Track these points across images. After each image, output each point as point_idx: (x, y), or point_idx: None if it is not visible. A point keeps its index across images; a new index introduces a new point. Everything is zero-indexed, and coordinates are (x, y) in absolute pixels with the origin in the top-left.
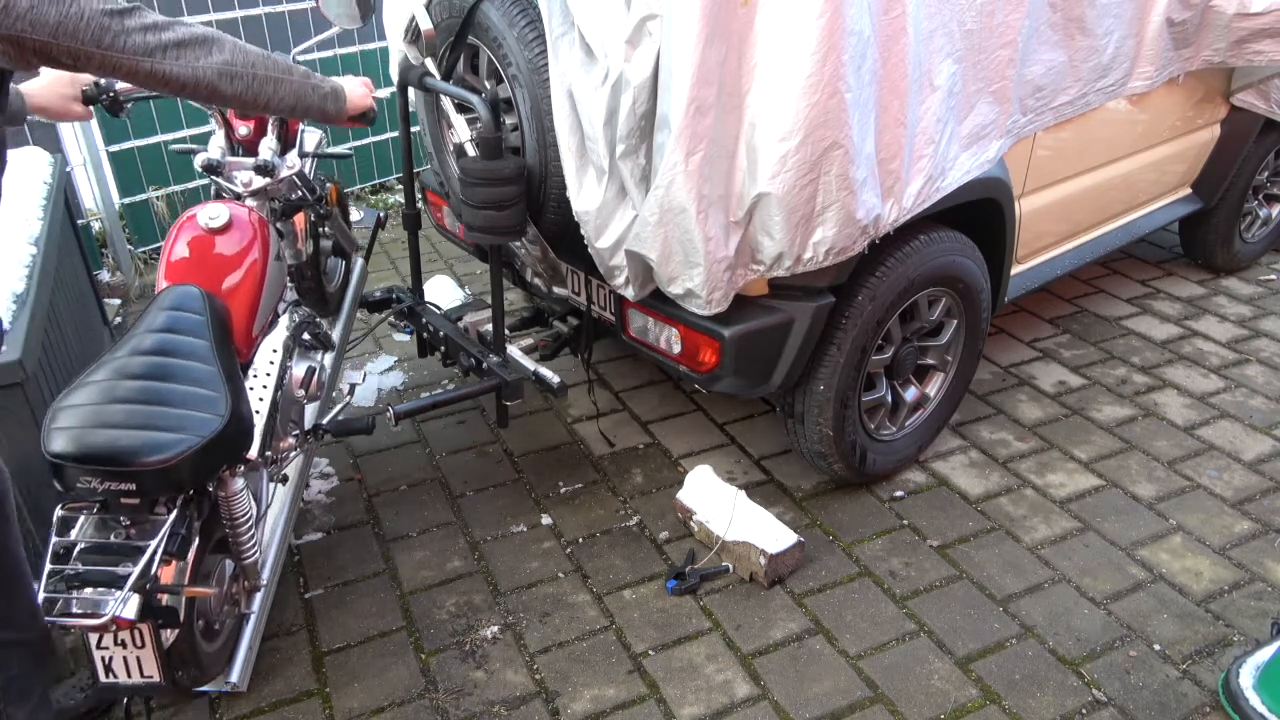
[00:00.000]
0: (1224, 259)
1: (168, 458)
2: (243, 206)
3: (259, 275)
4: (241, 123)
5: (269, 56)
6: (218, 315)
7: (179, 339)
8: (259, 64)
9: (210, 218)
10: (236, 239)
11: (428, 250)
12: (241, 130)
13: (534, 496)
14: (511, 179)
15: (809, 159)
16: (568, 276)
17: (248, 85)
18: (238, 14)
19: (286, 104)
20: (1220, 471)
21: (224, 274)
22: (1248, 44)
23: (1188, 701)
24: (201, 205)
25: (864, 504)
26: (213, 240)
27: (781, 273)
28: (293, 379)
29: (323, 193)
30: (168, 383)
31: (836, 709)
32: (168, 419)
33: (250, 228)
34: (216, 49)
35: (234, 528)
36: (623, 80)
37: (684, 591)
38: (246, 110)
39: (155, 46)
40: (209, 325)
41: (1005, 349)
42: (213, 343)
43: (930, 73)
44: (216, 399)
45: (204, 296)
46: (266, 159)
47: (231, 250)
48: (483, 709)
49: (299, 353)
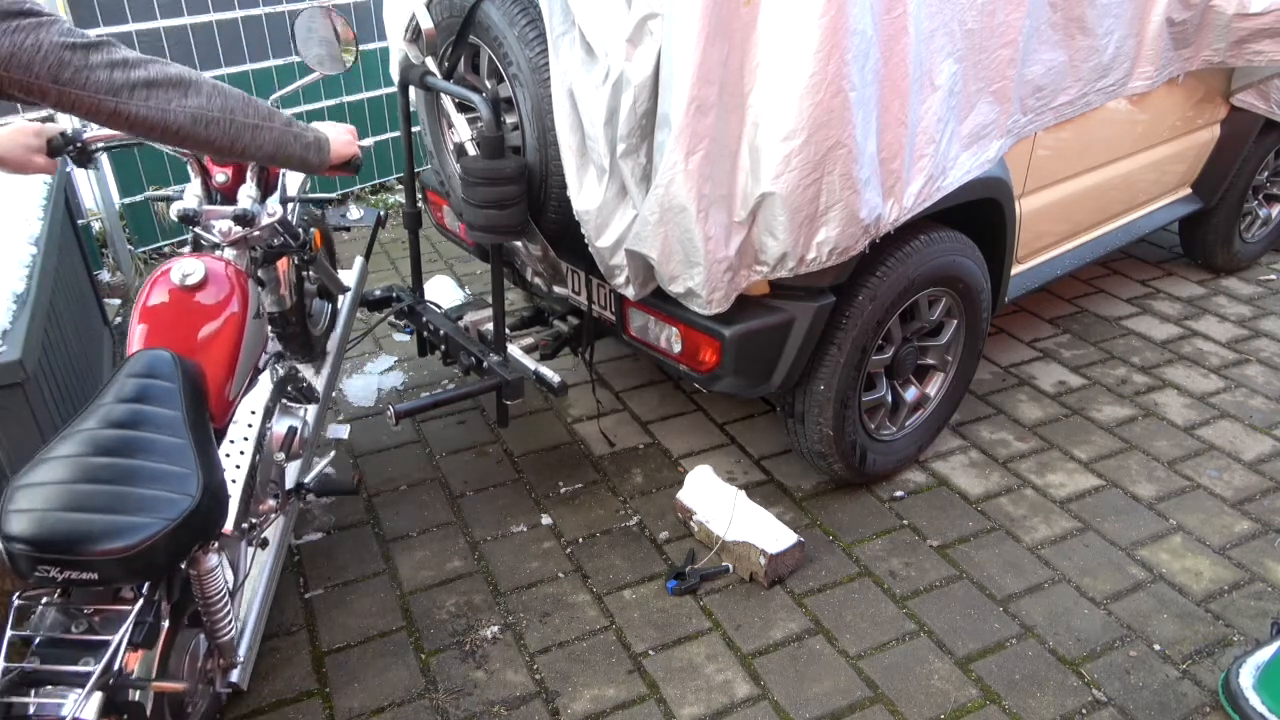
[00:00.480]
0: (1224, 259)
1: (132, 544)
2: (219, 260)
3: (237, 335)
4: (219, 169)
5: (250, 101)
6: (191, 381)
7: (148, 409)
8: (238, 109)
9: (184, 274)
10: (213, 296)
11: (428, 250)
12: (219, 177)
13: (534, 496)
14: (513, 178)
15: (813, 158)
16: (568, 276)
17: (224, 131)
18: (238, 14)
19: (266, 152)
20: (1220, 471)
21: (199, 335)
22: (1247, 44)
23: (1188, 701)
24: (175, 259)
25: (864, 504)
26: (187, 298)
27: (785, 274)
28: (273, 439)
29: (306, 238)
30: (135, 459)
31: (836, 709)
32: (133, 500)
33: (228, 284)
34: (193, 91)
35: (208, 606)
36: (623, 79)
37: (684, 591)
38: (223, 157)
39: (122, 85)
40: (181, 393)
41: (1005, 349)
42: (184, 412)
43: (931, 72)
44: (187, 476)
45: (176, 361)
46: (246, 207)
47: (207, 309)
48: (483, 709)
49: (281, 410)
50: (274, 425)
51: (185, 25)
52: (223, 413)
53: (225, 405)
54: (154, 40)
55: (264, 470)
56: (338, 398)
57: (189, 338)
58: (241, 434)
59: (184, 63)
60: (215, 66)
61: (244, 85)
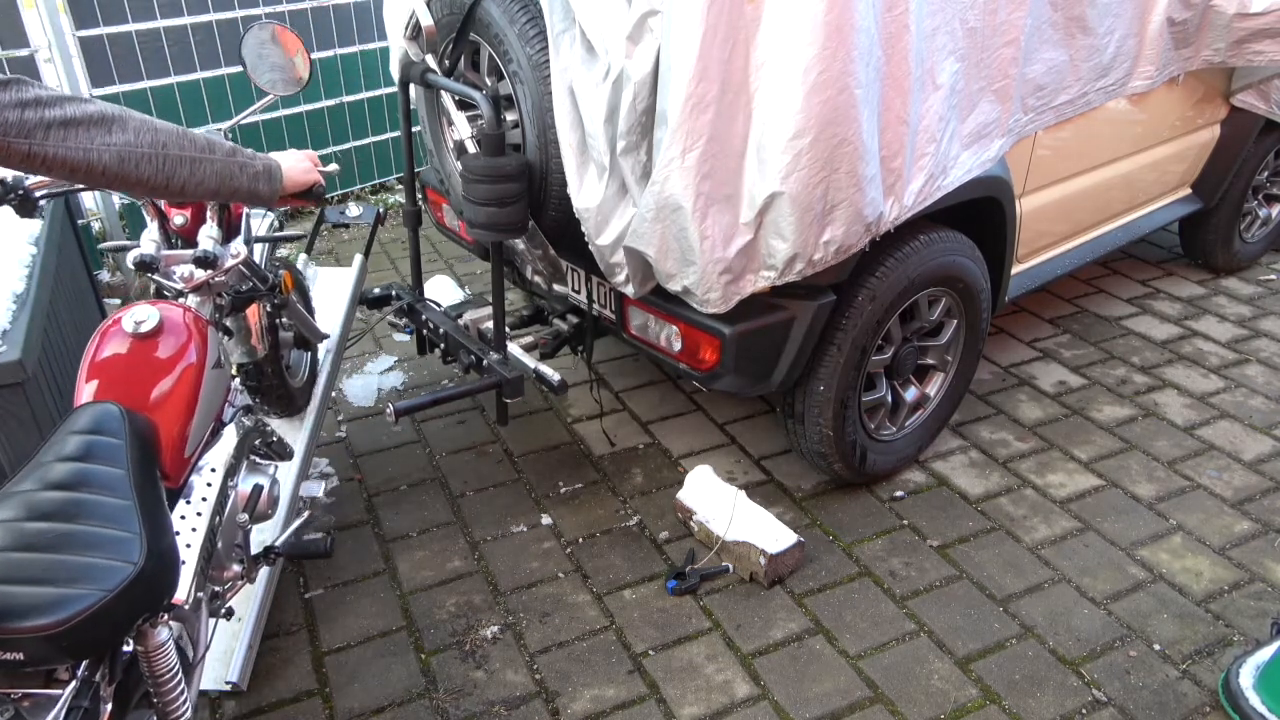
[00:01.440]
0: (1224, 259)
1: (62, 620)
2: (176, 307)
3: (193, 387)
4: (177, 211)
5: (186, 134)
6: (140, 438)
7: (91, 469)
8: (172, 143)
9: (137, 322)
10: (168, 345)
11: (428, 250)
12: (177, 220)
13: (534, 496)
14: (514, 176)
15: (821, 156)
16: (568, 274)
17: (158, 168)
18: (238, 14)
19: (209, 187)
20: (1220, 471)
21: (152, 387)
22: (1248, 44)
23: (1188, 701)
24: (128, 306)
25: (864, 504)
26: (140, 347)
27: (793, 277)
28: (237, 499)
29: (275, 281)
30: (73, 523)
31: (836, 709)
32: (66, 570)
33: (184, 331)
34: (117, 128)
35: (158, 687)
36: (624, 77)
37: (684, 591)
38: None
39: (35, 125)
40: (127, 450)
41: (1005, 349)
42: (130, 471)
43: (933, 71)
44: (130, 541)
45: (124, 416)
46: (207, 249)
47: (161, 359)
48: (483, 709)
49: (248, 467)
50: (238, 484)
51: (185, 25)
52: (178, 471)
53: (181, 463)
54: (154, 40)
55: (227, 533)
56: (337, 397)
57: (140, 390)
58: (199, 494)
59: (184, 63)
60: (215, 67)
61: (244, 86)
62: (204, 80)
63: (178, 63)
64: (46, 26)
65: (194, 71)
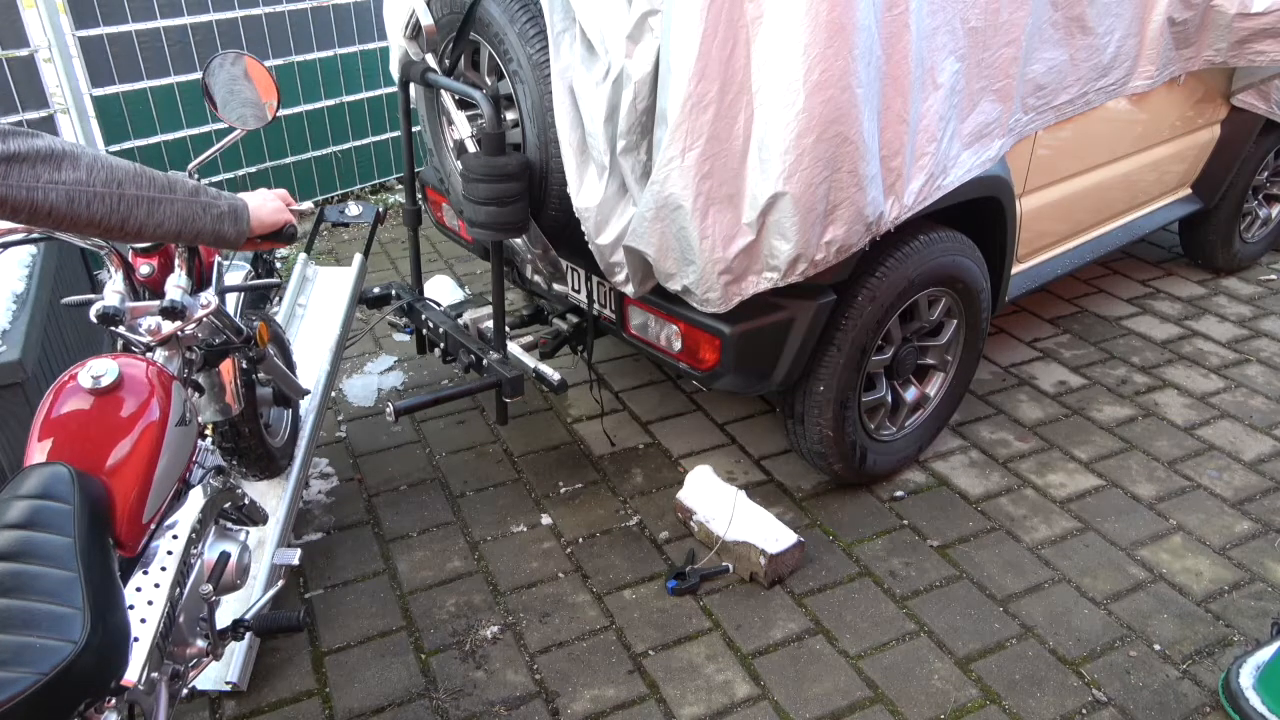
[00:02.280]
0: (1224, 259)
1: None
2: (139, 360)
3: (153, 447)
4: (143, 260)
5: (144, 173)
6: (91, 503)
7: (35, 537)
8: (127, 182)
9: (94, 377)
10: (128, 402)
11: (428, 250)
12: (143, 269)
13: (534, 496)
14: (514, 175)
15: (823, 156)
16: (568, 274)
17: (111, 208)
18: (238, 14)
19: (168, 229)
20: (1220, 471)
21: (108, 447)
22: (1249, 44)
23: (1188, 701)
24: (86, 360)
25: (864, 504)
26: (97, 404)
27: (796, 278)
28: (203, 568)
29: (250, 333)
30: (10, 598)
31: (836, 709)
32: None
33: (145, 387)
34: (68, 165)
35: None
36: (624, 76)
37: (684, 591)
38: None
39: None
40: (76, 517)
41: (1005, 349)
42: (77, 539)
43: (933, 70)
44: (70, 618)
45: (74, 479)
46: (175, 299)
47: (119, 416)
48: (483, 709)
49: (216, 533)
50: (204, 551)
51: (185, 25)
52: (135, 538)
53: (138, 530)
54: (154, 40)
55: (189, 606)
56: (337, 397)
57: (95, 451)
58: (159, 563)
59: (184, 63)
60: None
61: None
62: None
63: (178, 63)
64: (46, 26)
65: (194, 71)
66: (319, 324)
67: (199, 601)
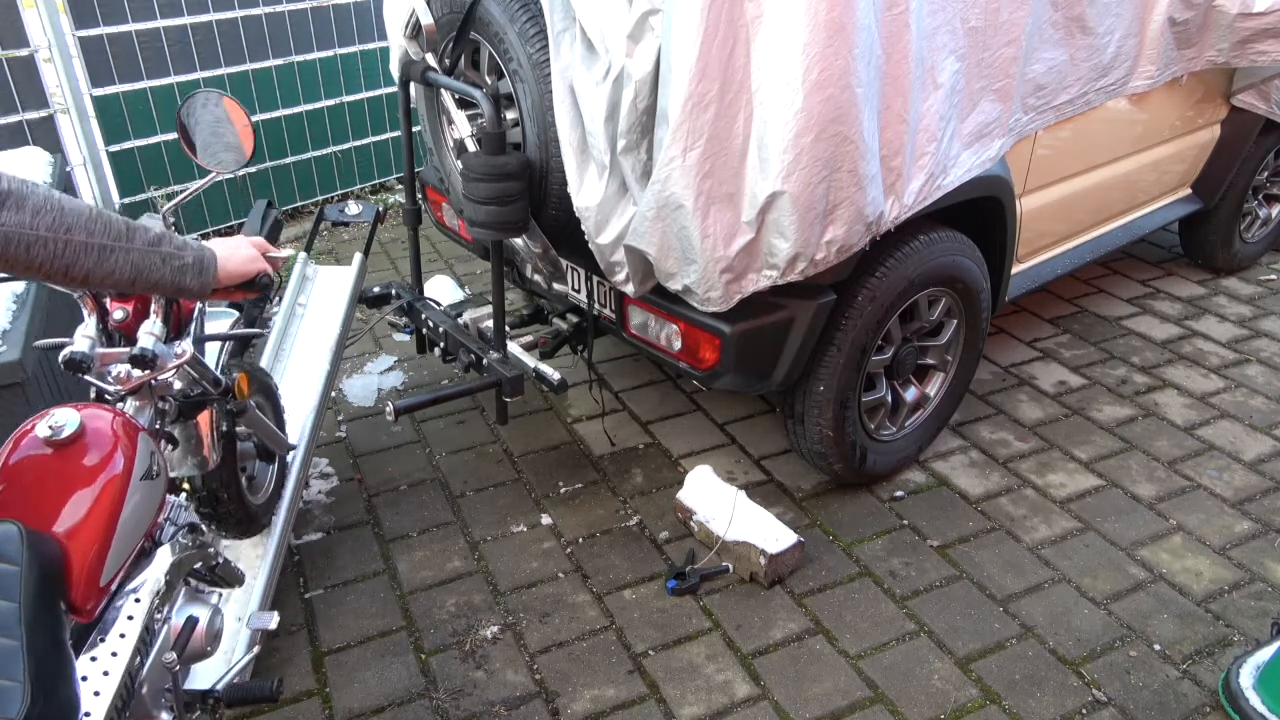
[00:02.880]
0: (1224, 259)
1: None
2: (103, 410)
3: (114, 502)
4: (117, 305)
5: (100, 218)
6: (42, 564)
7: None
8: (77, 228)
9: (52, 427)
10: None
11: (428, 250)
12: (117, 314)
13: (534, 496)
14: (515, 174)
15: (823, 155)
16: (568, 273)
17: (54, 254)
18: (238, 14)
19: (119, 278)
20: (1220, 471)
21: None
22: (1251, 44)
23: (1188, 701)
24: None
25: (864, 504)
26: (55, 457)
27: (796, 276)
28: (169, 634)
29: (228, 384)
30: None
31: (836, 709)
32: None
33: (108, 439)
34: (11, 206)
35: None
36: (624, 75)
37: (684, 591)
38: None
39: None
40: (22, 580)
41: (1005, 349)
42: (23, 605)
43: (933, 70)
44: (9, 691)
45: (23, 538)
46: (146, 347)
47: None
48: (483, 709)
49: (186, 596)
50: (171, 616)
51: (185, 25)
52: (91, 602)
53: (95, 593)
54: (154, 40)
55: (153, 677)
56: (337, 398)
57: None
58: (118, 630)
59: (183, 63)
60: (215, 67)
61: (244, 85)
62: (204, 80)
63: (177, 63)
64: (46, 26)
65: (194, 71)
66: (319, 323)
67: (163, 671)
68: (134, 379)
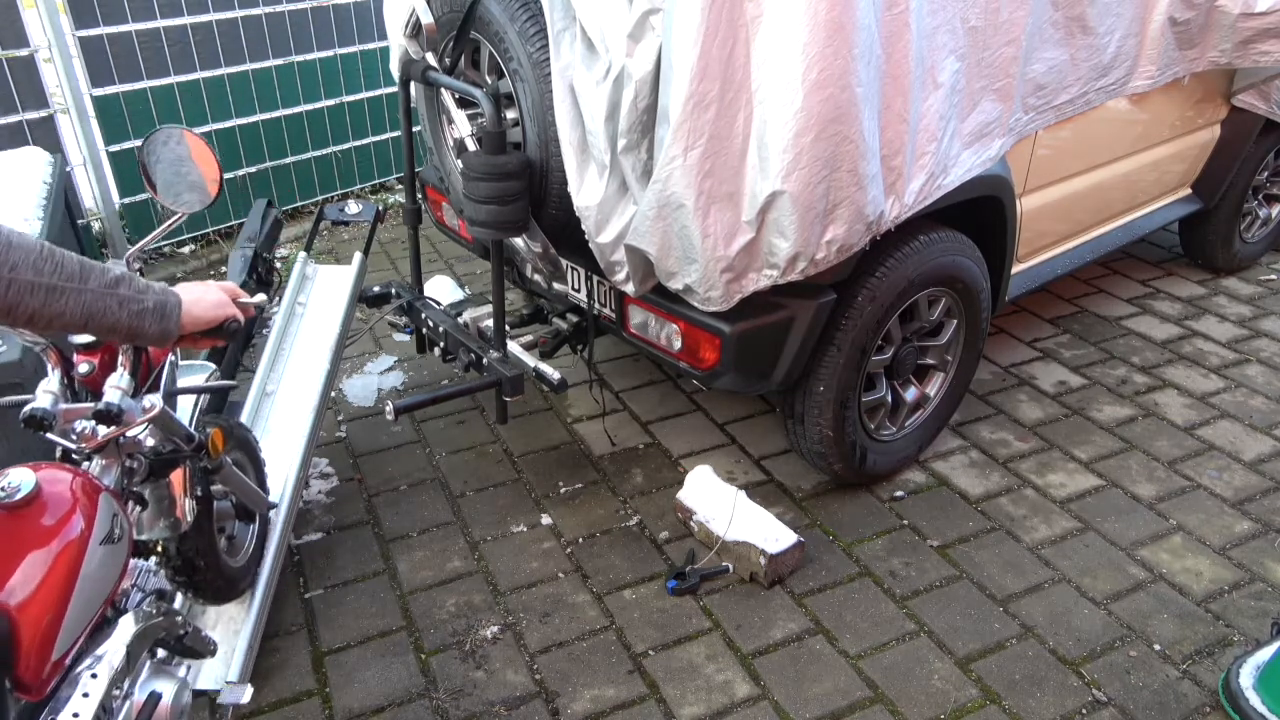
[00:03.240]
0: (1224, 259)
1: None
2: (66, 471)
3: (69, 568)
4: (83, 357)
5: (51, 257)
6: None
7: None
8: (23, 265)
9: (4, 488)
10: (44, 518)
11: (428, 250)
12: (83, 367)
13: (534, 496)
14: (515, 173)
15: (823, 155)
16: (568, 273)
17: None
18: (238, 14)
19: (69, 320)
20: (1220, 471)
21: (11, 571)
22: (1254, 44)
23: (1188, 701)
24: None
25: (864, 504)
26: (6, 519)
27: (796, 276)
28: (130, 711)
29: (201, 440)
30: None
31: (836, 709)
32: None
33: (65, 500)
34: None
35: None
36: (624, 75)
37: (684, 591)
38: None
39: None
40: None
41: (1005, 349)
42: None
43: (933, 70)
44: None
45: None
46: (112, 402)
47: (30, 535)
48: (483, 709)
49: (150, 669)
50: (133, 691)
51: (185, 25)
52: (41, 679)
53: (46, 668)
54: (154, 40)
55: None
56: (337, 398)
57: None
58: (72, 709)
59: (184, 63)
60: (215, 66)
61: (244, 85)
62: (204, 80)
63: (177, 63)
64: (46, 26)
65: (194, 71)
66: (319, 323)
67: None
68: (99, 436)
